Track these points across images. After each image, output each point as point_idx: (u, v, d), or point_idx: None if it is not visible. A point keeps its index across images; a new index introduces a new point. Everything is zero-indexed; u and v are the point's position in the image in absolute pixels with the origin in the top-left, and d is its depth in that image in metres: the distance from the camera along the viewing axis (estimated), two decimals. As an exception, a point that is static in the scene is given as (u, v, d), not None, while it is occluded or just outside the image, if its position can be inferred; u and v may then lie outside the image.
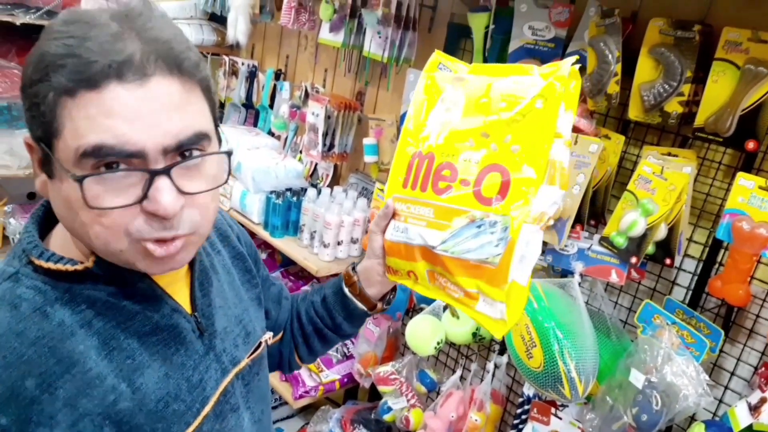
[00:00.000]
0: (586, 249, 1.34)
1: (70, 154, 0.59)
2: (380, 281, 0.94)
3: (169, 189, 0.60)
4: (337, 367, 2.08)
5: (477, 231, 0.77)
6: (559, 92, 0.77)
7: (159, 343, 0.70)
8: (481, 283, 0.79)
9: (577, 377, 1.24)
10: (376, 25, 1.80)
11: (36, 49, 0.61)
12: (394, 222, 0.88)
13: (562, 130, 0.77)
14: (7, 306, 0.63)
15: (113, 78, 0.58)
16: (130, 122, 0.58)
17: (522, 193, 0.76)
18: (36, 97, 0.59)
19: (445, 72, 0.90)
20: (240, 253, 0.92)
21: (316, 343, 1.03)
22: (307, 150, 2.09)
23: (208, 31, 2.54)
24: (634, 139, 1.41)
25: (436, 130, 0.85)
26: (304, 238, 1.99)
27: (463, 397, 1.67)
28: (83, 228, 0.62)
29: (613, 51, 1.28)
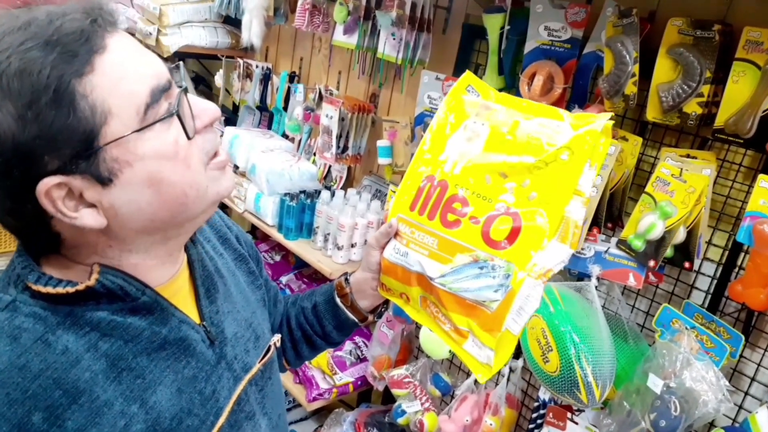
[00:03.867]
0: (604, 252, 1.32)
1: (132, 120, 0.58)
2: (372, 295, 0.94)
3: (197, 97, 0.65)
4: (351, 370, 2.07)
5: (478, 272, 0.76)
6: (588, 148, 0.75)
7: (169, 358, 0.68)
8: (473, 323, 0.77)
9: (594, 382, 1.22)
10: (390, 27, 1.79)
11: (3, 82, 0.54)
12: (395, 242, 0.86)
13: (584, 187, 0.75)
14: (6, 338, 0.60)
15: (104, 32, 0.58)
16: (145, 58, 0.61)
17: (531, 244, 0.74)
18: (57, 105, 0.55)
19: (472, 96, 0.87)
20: (242, 254, 0.92)
21: (305, 349, 1.03)
22: (321, 152, 2.09)
23: (223, 34, 2.55)
24: (652, 141, 1.39)
25: (453, 158, 0.83)
26: (318, 240, 1.99)
27: (478, 401, 1.65)
28: (175, 189, 0.62)
29: (630, 51, 1.26)
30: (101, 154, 0.57)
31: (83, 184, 0.58)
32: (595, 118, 0.76)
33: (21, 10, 0.59)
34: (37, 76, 0.53)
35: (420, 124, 1.78)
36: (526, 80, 1.48)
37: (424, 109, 1.77)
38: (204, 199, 0.66)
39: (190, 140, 0.63)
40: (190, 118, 0.64)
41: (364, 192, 2.07)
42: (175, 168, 0.61)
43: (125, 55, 0.59)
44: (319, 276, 2.27)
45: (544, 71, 1.44)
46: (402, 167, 1.89)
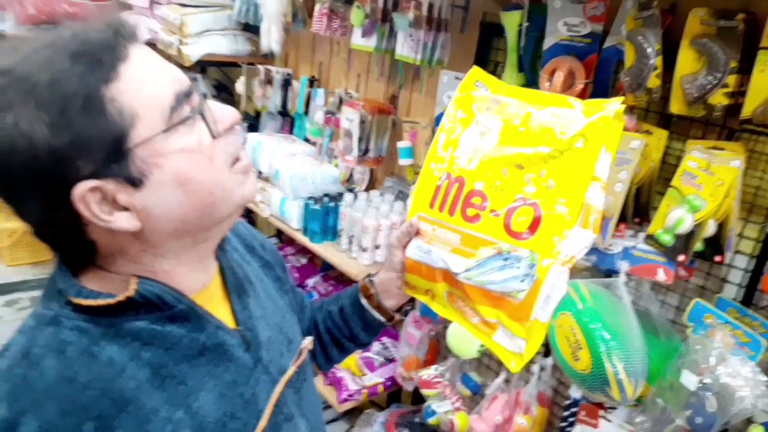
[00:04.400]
0: (631, 248, 1.31)
1: (159, 123, 0.61)
2: (398, 294, 0.94)
3: (218, 103, 0.67)
4: (380, 371, 2.08)
5: (503, 263, 0.77)
6: (602, 133, 0.75)
7: (208, 364, 0.70)
8: (501, 314, 0.78)
9: (626, 379, 1.21)
10: (407, 29, 1.79)
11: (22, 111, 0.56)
12: (417, 241, 0.87)
13: (601, 173, 0.76)
14: (53, 353, 0.62)
15: (127, 42, 0.61)
16: (165, 67, 0.64)
17: (553, 232, 0.75)
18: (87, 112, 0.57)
19: (481, 91, 0.87)
20: (267, 261, 0.93)
21: (334, 352, 1.03)
22: (343, 155, 2.10)
23: (242, 42, 2.58)
24: (677, 134, 1.37)
25: (468, 154, 0.83)
26: (343, 242, 2.00)
27: (509, 400, 1.65)
28: (203, 189, 0.65)
29: (652, 44, 1.24)
30: (131, 156, 0.60)
31: (116, 187, 0.61)
32: (606, 104, 0.76)
33: (48, 29, 0.63)
34: (67, 84, 0.57)
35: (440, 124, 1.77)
36: (546, 77, 1.47)
37: (444, 109, 1.76)
38: (229, 202, 0.69)
39: (214, 140, 0.65)
40: (212, 122, 0.66)
41: (386, 193, 2.07)
42: (200, 166, 0.64)
43: (147, 63, 0.62)
44: (346, 278, 2.29)
45: (565, 67, 1.43)
46: (424, 167, 1.89)
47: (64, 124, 0.57)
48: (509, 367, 0.79)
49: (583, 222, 0.76)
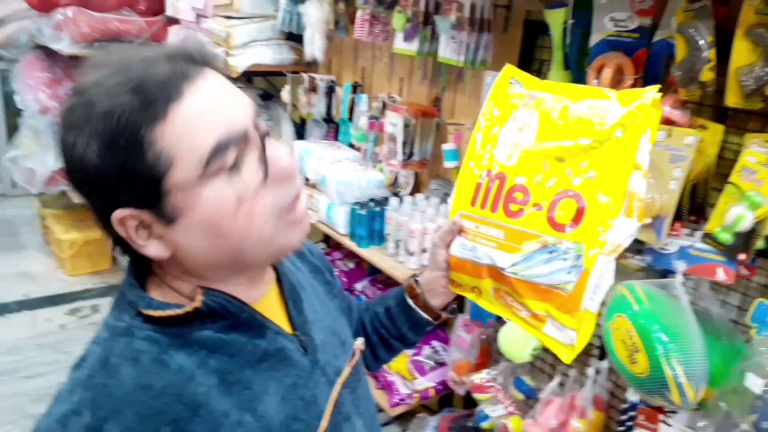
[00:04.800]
0: (688, 247, 1.27)
1: (195, 170, 0.61)
2: (444, 292, 0.95)
3: (279, 146, 0.66)
4: (430, 375, 2.08)
5: (549, 256, 0.77)
6: (640, 122, 0.75)
7: (270, 368, 0.72)
8: (550, 307, 0.78)
9: (686, 382, 1.17)
10: (449, 31, 1.78)
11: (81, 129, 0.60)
12: (461, 239, 0.87)
13: (641, 161, 0.76)
14: (128, 362, 0.65)
15: (184, 81, 0.61)
16: (222, 108, 0.63)
17: (597, 222, 0.75)
18: (128, 151, 0.59)
19: (516, 87, 0.88)
20: (316, 266, 0.95)
21: (382, 352, 1.05)
22: (388, 159, 2.11)
23: (287, 51, 2.62)
24: (734, 128, 1.32)
25: (507, 150, 0.84)
26: (390, 247, 2.01)
27: (564, 404, 1.62)
28: (232, 237, 0.65)
29: (704, 36, 1.20)
30: (167, 196, 0.62)
31: (151, 219, 0.64)
32: (642, 92, 0.76)
33: (135, 48, 0.65)
34: (117, 120, 0.59)
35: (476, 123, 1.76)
36: (593, 74, 1.44)
37: (489, 110, 1.75)
38: (266, 249, 0.69)
39: (259, 189, 0.65)
40: (258, 169, 0.65)
41: (432, 196, 2.07)
42: (234, 216, 0.64)
43: (200, 103, 0.61)
44: (393, 282, 2.29)
45: (612, 63, 1.40)
46: (470, 170, 1.88)
47: (109, 156, 0.60)
48: (561, 358, 0.80)
49: (627, 211, 0.76)
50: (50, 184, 3.44)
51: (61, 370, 2.78)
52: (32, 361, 2.89)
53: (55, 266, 3.74)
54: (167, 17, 3.10)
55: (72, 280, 3.62)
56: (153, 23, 3.22)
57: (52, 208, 3.83)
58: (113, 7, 3.20)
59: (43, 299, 3.40)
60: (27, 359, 2.90)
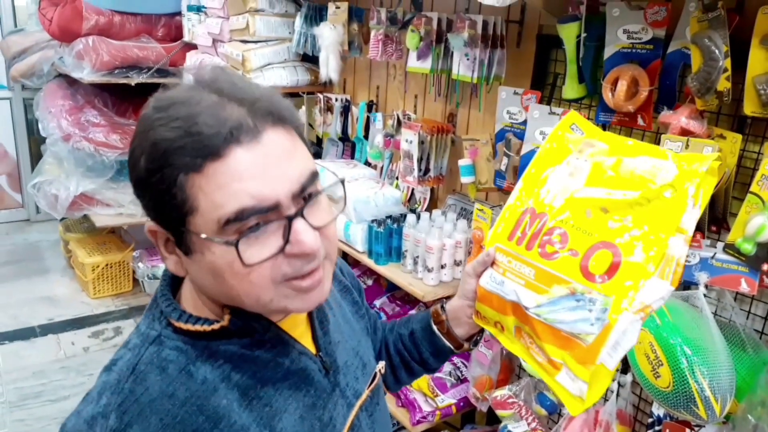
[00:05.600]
0: (710, 258, 1.25)
1: (211, 225, 0.62)
2: (468, 323, 0.95)
3: (307, 229, 0.65)
4: (452, 391, 2.06)
5: (575, 304, 0.76)
6: (691, 186, 0.74)
7: (291, 387, 0.74)
8: (567, 356, 0.77)
9: (712, 396, 1.15)
10: (462, 48, 1.80)
11: (141, 141, 0.63)
12: (492, 271, 0.87)
13: (686, 225, 0.75)
14: (156, 369, 0.67)
15: (232, 143, 0.61)
16: (260, 179, 0.62)
17: (630, 279, 0.73)
18: (162, 183, 0.62)
19: (577, 134, 0.89)
20: (346, 286, 0.96)
21: (403, 374, 1.05)
22: (404, 176, 2.12)
23: (302, 72, 2.65)
24: (753, 136, 1.31)
25: (554, 192, 0.84)
26: (408, 263, 2.01)
27: (587, 419, 1.60)
28: (232, 291, 0.66)
29: (719, 46, 1.20)
30: (186, 233, 0.65)
31: (172, 240, 0.67)
32: (701, 158, 0.76)
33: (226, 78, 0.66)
34: (161, 155, 0.61)
35: (501, 140, 1.76)
36: (609, 86, 1.44)
37: (504, 125, 1.76)
38: (266, 308, 0.69)
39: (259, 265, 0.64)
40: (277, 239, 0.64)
41: (449, 212, 2.07)
42: (234, 277, 0.64)
43: (237, 169, 0.61)
44: (412, 298, 2.29)
45: (627, 75, 1.40)
46: (485, 184, 1.88)
47: (149, 181, 0.63)
48: (569, 410, 0.78)
49: (663, 272, 0.74)
50: (73, 208, 3.50)
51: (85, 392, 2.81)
52: (57, 384, 2.92)
53: (79, 289, 3.79)
54: (185, 43, 3.17)
55: (95, 303, 3.66)
56: (171, 49, 3.29)
57: (75, 232, 3.89)
58: (132, 35, 3.27)
59: (67, 322, 3.45)
60: (52, 383, 2.93)
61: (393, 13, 2.10)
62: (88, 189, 3.45)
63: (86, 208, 3.51)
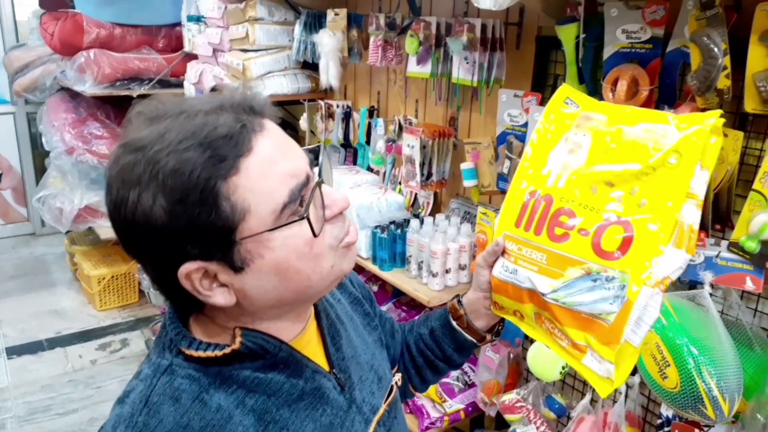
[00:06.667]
0: (714, 257, 1.24)
1: (266, 219, 0.63)
2: (487, 314, 0.93)
3: (332, 189, 0.69)
4: (460, 397, 2.06)
5: (592, 285, 0.74)
6: (697, 148, 0.71)
7: (307, 408, 0.73)
8: (590, 337, 0.75)
9: (720, 396, 1.14)
10: (462, 52, 1.80)
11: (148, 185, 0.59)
12: (503, 260, 0.85)
13: (696, 190, 0.72)
14: (169, 400, 0.66)
15: (251, 135, 0.63)
16: (287, 158, 0.65)
17: (645, 252, 0.71)
18: (202, 204, 0.60)
19: (572, 107, 0.86)
20: (357, 297, 0.95)
21: (428, 374, 1.03)
22: (406, 181, 2.12)
23: (303, 79, 2.66)
24: (755, 133, 1.30)
25: (556, 172, 0.81)
26: (412, 269, 2.01)
27: (596, 421, 1.59)
28: (299, 276, 0.67)
29: (718, 44, 1.20)
30: (237, 246, 0.63)
31: (218, 268, 0.64)
32: (702, 118, 0.73)
33: (186, 100, 0.66)
34: (188, 176, 0.59)
35: (503, 143, 1.76)
36: (609, 86, 1.44)
37: (505, 128, 1.76)
38: (327, 279, 0.70)
39: (319, 235, 0.66)
40: (321, 209, 0.68)
41: (452, 216, 2.06)
42: (301, 256, 0.66)
43: (269, 155, 0.63)
44: (417, 304, 2.28)
45: (627, 75, 1.39)
46: (488, 187, 1.88)
47: (180, 212, 0.60)
48: (599, 392, 0.77)
49: (677, 242, 0.72)
50: (78, 221, 3.51)
51: (94, 405, 2.82)
52: (66, 397, 2.92)
53: (85, 302, 3.80)
54: (185, 53, 3.18)
55: (102, 315, 3.67)
56: (172, 60, 3.30)
57: (81, 245, 3.90)
58: (133, 47, 3.29)
59: (74, 335, 3.46)
60: (60, 396, 2.93)
61: (391, 18, 2.10)
62: (92, 201, 3.46)
63: (91, 220, 3.52)
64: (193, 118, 0.62)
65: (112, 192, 0.62)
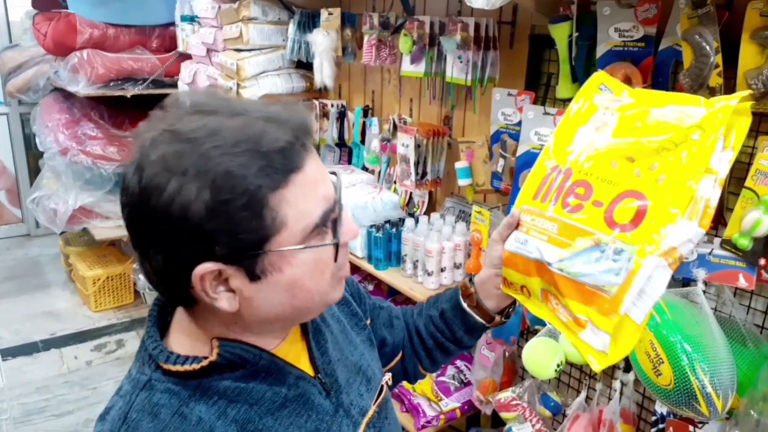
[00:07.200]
0: (707, 254, 1.25)
1: (296, 236, 0.64)
2: (497, 295, 0.93)
3: (350, 216, 0.71)
4: (456, 395, 2.06)
5: (599, 255, 0.72)
6: (719, 122, 0.70)
7: (291, 415, 0.72)
8: (591, 311, 0.73)
9: (713, 392, 1.15)
10: (455, 51, 1.80)
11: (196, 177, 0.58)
12: (516, 233, 0.85)
13: (717, 166, 0.71)
14: (148, 416, 0.65)
15: (305, 153, 0.64)
16: (324, 182, 0.67)
17: (657, 224, 0.70)
18: (247, 209, 0.60)
19: (605, 93, 0.86)
20: (344, 298, 0.94)
21: (439, 355, 1.03)
22: (401, 180, 2.12)
23: (297, 79, 2.65)
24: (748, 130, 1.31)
25: (580, 148, 0.81)
26: (408, 268, 2.01)
27: (591, 419, 1.59)
28: (307, 296, 0.68)
29: (710, 42, 1.20)
30: (263, 256, 0.63)
31: (234, 273, 0.64)
32: (731, 97, 0.72)
33: (233, 100, 0.66)
34: (240, 180, 0.59)
35: (497, 142, 1.77)
36: (601, 85, 1.44)
37: (499, 127, 1.76)
38: (322, 304, 0.73)
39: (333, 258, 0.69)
40: (339, 233, 0.69)
41: (447, 215, 2.07)
42: (314, 277, 0.67)
43: (313, 176, 0.65)
44: (413, 302, 2.28)
45: (620, 73, 1.40)
46: (483, 186, 1.88)
47: (221, 212, 0.59)
48: (592, 367, 0.75)
49: (691, 215, 0.70)
50: (72, 222, 3.50)
51: (90, 406, 2.81)
52: (61, 399, 2.91)
53: (80, 303, 3.79)
54: (179, 53, 3.17)
55: (97, 316, 3.66)
56: (166, 60, 3.29)
57: (75, 246, 3.89)
58: (127, 47, 3.28)
59: (69, 336, 3.45)
60: (56, 397, 2.92)
61: (385, 17, 2.10)
62: (86, 202, 3.44)
63: (85, 221, 3.51)
64: (250, 123, 0.62)
65: (144, 176, 0.60)
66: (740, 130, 0.72)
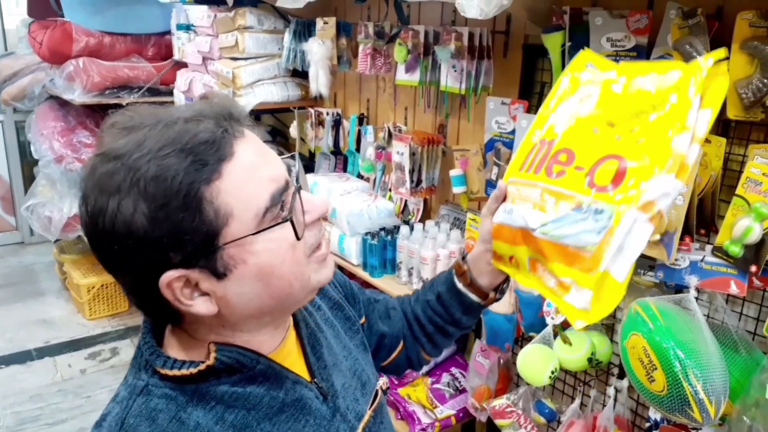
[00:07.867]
0: (699, 261, 1.26)
1: (249, 224, 0.63)
2: (490, 270, 0.94)
3: (311, 195, 0.69)
4: (451, 402, 2.06)
5: (581, 217, 0.73)
6: (696, 84, 0.71)
7: (289, 419, 0.72)
8: (575, 271, 0.74)
9: (706, 398, 1.16)
10: (450, 60, 1.82)
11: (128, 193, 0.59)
12: (504, 204, 0.87)
13: (693, 123, 0.71)
14: (146, 422, 0.65)
15: (232, 140, 0.63)
16: (267, 164, 0.66)
17: (636, 182, 0.71)
18: (185, 209, 0.60)
19: (591, 69, 0.87)
20: (337, 302, 0.94)
21: (440, 339, 1.04)
22: (396, 188, 2.13)
23: (292, 87, 2.67)
24: (738, 139, 1.33)
25: (564, 119, 0.83)
26: (403, 275, 2.02)
27: (586, 425, 1.60)
28: (283, 282, 0.67)
29: (700, 51, 1.22)
30: (220, 252, 0.63)
31: (200, 276, 0.64)
32: (707, 56, 0.73)
33: (161, 110, 0.66)
34: (170, 182, 0.59)
35: (491, 150, 1.78)
36: (594, 94, 1.45)
37: (493, 135, 1.77)
38: (306, 288, 0.71)
39: (301, 239, 0.67)
40: (301, 214, 0.68)
41: (442, 222, 2.08)
42: (283, 261, 0.66)
43: (250, 161, 0.64)
44: (409, 310, 2.29)
45: (612, 83, 1.41)
46: (477, 193, 1.89)
47: (162, 218, 0.60)
48: (573, 326, 0.75)
49: (669, 170, 0.71)
50: (67, 230, 3.50)
51: (84, 415, 2.80)
52: (55, 407, 2.90)
53: (74, 311, 3.78)
54: (175, 61, 3.18)
55: (91, 324, 3.65)
56: (161, 68, 3.30)
57: (70, 254, 3.88)
58: (122, 55, 3.29)
59: (63, 345, 3.43)
60: (50, 406, 2.91)
61: (380, 27, 2.12)
62: (81, 210, 3.44)
63: (80, 229, 3.50)
64: (172, 126, 0.62)
65: (88, 203, 0.61)
66: (717, 89, 0.73)
